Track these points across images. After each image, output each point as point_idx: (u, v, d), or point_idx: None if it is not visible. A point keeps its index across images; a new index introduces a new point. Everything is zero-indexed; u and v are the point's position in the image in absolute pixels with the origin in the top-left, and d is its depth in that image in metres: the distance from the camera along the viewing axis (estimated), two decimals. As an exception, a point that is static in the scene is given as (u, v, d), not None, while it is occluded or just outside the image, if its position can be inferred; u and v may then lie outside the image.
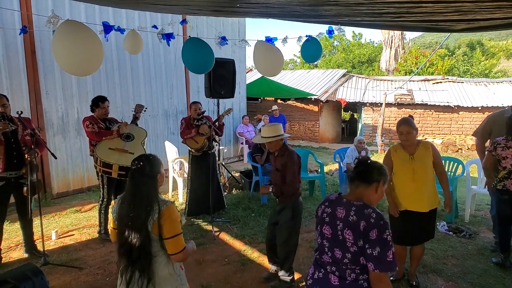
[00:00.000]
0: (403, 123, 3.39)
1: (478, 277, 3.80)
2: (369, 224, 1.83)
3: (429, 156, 3.38)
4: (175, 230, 2.03)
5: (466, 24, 4.07)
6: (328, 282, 1.97)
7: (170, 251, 2.03)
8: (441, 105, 13.47)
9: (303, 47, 4.97)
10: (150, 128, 8.20)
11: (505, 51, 37.22)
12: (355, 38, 33.08)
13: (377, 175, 1.98)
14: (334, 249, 1.94)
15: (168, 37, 4.81)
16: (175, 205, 2.12)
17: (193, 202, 5.56)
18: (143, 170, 2.05)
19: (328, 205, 2.05)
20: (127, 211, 2.03)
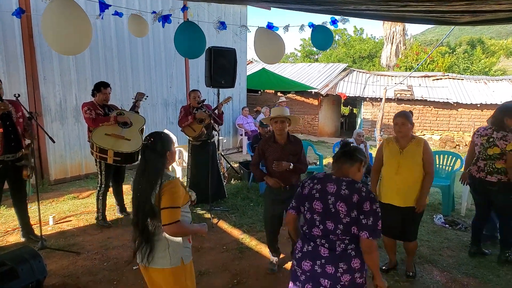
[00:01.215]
0: (400, 115, 3.42)
1: (472, 268, 3.84)
2: (361, 197, 2.04)
3: (419, 153, 3.34)
4: (171, 202, 2.08)
5: (470, 17, 4.05)
6: (318, 254, 2.12)
7: (164, 221, 2.08)
8: (440, 101, 13.48)
9: (313, 34, 4.85)
10: (149, 117, 8.16)
11: (505, 49, 37.20)
12: (357, 33, 32.97)
13: (359, 155, 2.21)
14: (326, 222, 2.10)
15: (165, 19, 4.73)
16: (179, 180, 2.20)
17: (193, 190, 5.54)
18: (153, 146, 2.13)
19: (317, 182, 2.21)
20: (137, 183, 2.16)
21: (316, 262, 2.11)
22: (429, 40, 46.57)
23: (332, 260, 2.08)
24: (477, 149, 3.90)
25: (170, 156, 2.22)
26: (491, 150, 3.74)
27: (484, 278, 3.64)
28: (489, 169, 3.78)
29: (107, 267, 3.75)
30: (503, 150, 3.64)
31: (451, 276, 3.68)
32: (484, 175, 3.82)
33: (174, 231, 2.10)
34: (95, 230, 4.67)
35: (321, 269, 2.09)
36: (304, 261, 2.16)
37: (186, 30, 4.71)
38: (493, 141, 3.73)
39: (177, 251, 2.20)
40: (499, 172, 3.72)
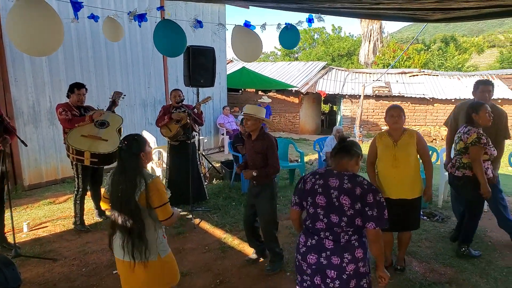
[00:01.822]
0: (395, 107, 3.46)
1: (449, 258, 3.93)
2: (364, 189, 2.12)
3: (413, 144, 3.39)
4: (162, 199, 2.28)
5: (441, 14, 4.15)
6: (322, 247, 2.18)
7: (161, 218, 2.29)
8: (417, 97, 13.77)
9: (281, 34, 4.95)
10: (127, 118, 8.03)
11: (476, 46, 38.35)
12: (335, 32, 33.36)
13: (357, 149, 2.29)
14: (330, 215, 2.16)
15: (141, 18, 4.66)
16: (159, 178, 2.37)
17: (171, 192, 5.47)
18: (127, 148, 2.28)
19: (319, 177, 2.26)
20: (117, 183, 2.26)
21: (322, 254, 2.18)
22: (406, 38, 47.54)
23: (337, 251, 2.15)
24: (454, 146, 4.02)
25: (145, 156, 2.34)
26: (459, 145, 3.84)
27: (460, 267, 3.73)
28: (457, 164, 3.87)
29: (85, 272, 3.67)
30: (466, 144, 3.72)
31: (429, 266, 3.76)
32: (454, 171, 3.92)
33: (171, 223, 2.36)
34: (73, 235, 4.55)
35: (327, 261, 2.16)
36: (309, 255, 2.22)
37: (166, 28, 4.65)
38: (460, 136, 3.83)
39: (154, 247, 2.32)
40: (465, 167, 3.79)
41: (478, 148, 3.62)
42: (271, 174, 3.58)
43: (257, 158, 3.60)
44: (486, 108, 3.71)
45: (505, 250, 4.08)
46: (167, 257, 2.43)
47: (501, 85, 14.09)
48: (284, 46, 5.26)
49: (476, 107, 3.75)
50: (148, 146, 2.40)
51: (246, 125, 3.63)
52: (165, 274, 2.43)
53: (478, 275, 3.57)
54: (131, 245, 2.23)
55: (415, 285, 3.38)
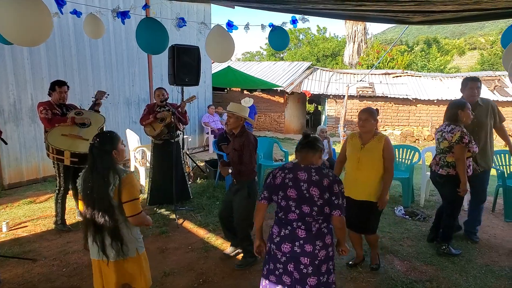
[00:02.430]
0: (364, 111, 3.47)
1: (430, 256, 4.01)
2: (330, 180, 2.30)
3: (379, 149, 3.38)
4: (133, 194, 2.25)
5: (422, 17, 4.24)
6: (296, 236, 2.34)
7: (128, 213, 2.24)
8: (400, 97, 13.98)
9: (270, 36, 4.97)
10: (111, 117, 7.94)
11: (458, 48, 39.18)
12: (320, 32, 33.57)
13: (320, 144, 2.46)
14: (302, 206, 2.32)
15: (124, 15, 4.60)
16: (133, 173, 2.36)
17: (155, 191, 5.45)
18: (99, 145, 2.26)
19: (288, 172, 2.41)
20: (88, 181, 2.25)
21: (295, 243, 2.34)
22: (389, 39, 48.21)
23: (310, 239, 2.32)
24: (436, 144, 4.10)
25: (117, 154, 2.33)
26: (442, 144, 3.90)
27: (440, 265, 3.81)
28: (441, 162, 3.96)
29: (66, 273, 3.61)
30: (450, 143, 3.78)
31: (410, 264, 3.83)
32: (437, 169, 4.00)
33: (139, 221, 2.30)
34: (54, 235, 4.48)
35: (300, 249, 2.32)
36: (284, 244, 2.37)
37: (148, 26, 4.62)
38: (443, 135, 3.89)
39: (133, 242, 2.34)
40: (448, 166, 3.87)
41: (462, 147, 3.70)
42: (244, 171, 3.63)
43: (234, 155, 3.69)
44: (469, 106, 3.87)
45: (484, 248, 4.18)
46: (143, 254, 2.45)
47: (482, 86, 14.41)
48: (274, 47, 5.29)
49: (461, 104, 3.86)
50: (121, 144, 2.38)
51: (228, 122, 3.74)
52: (145, 270, 2.43)
53: (458, 273, 3.65)
54: (103, 243, 2.24)
55: (397, 284, 3.44)
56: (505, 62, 3.55)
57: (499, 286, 3.44)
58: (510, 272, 3.67)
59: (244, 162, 3.61)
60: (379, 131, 3.65)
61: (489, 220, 5.10)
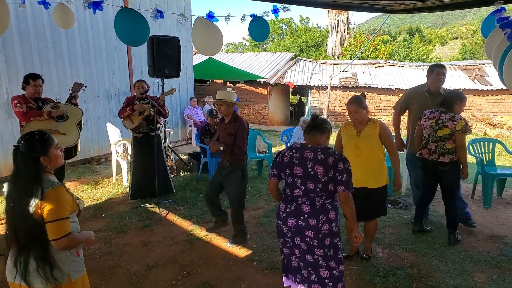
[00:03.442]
0: (352, 102, 3.40)
1: (411, 243, 4.07)
2: (335, 158, 2.43)
3: (376, 134, 3.40)
4: (57, 214, 1.85)
5: (404, 5, 4.25)
6: (300, 211, 2.48)
7: (51, 236, 1.84)
8: (383, 87, 14.13)
9: (250, 26, 4.92)
10: (90, 110, 7.78)
11: (440, 38, 39.73)
12: (303, 23, 33.55)
13: (327, 126, 2.59)
14: (307, 183, 2.46)
15: (96, 6, 4.44)
16: (64, 187, 1.97)
17: (136, 185, 5.38)
18: (25, 150, 1.89)
19: (296, 151, 2.54)
20: (10, 192, 1.90)
21: (300, 218, 2.46)
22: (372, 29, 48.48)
23: (314, 214, 2.44)
24: (426, 132, 4.01)
25: (47, 161, 1.95)
26: (441, 131, 3.86)
27: (421, 251, 3.88)
28: (440, 150, 3.91)
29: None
30: (452, 130, 3.79)
31: (392, 252, 3.89)
32: (436, 157, 3.94)
33: (64, 245, 1.89)
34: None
35: (304, 223, 2.45)
36: (289, 219, 2.50)
37: (127, 17, 4.51)
38: (442, 123, 3.86)
39: (63, 267, 1.94)
40: (450, 153, 3.87)
41: (464, 135, 3.79)
42: (236, 153, 3.91)
43: (229, 139, 3.94)
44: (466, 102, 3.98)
45: (463, 234, 4.26)
46: (80, 279, 2.04)
47: (463, 75, 14.68)
48: (254, 38, 5.24)
49: (462, 97, 3.93)
50: (56, 148, 2.00)
51: (220, 110, 3.98)
52: None
53: (438, 259, 3.72)
54: (26, 268, 1.85)
55: (379, 271, 3.48)
56: (488, 50, 3.59)
57: (477, 270, 3.52)
58: (488, 257, 3.76)
59: (238, 145, 3.88)
60: (373, 117, 3.58)
61: (469, 206, 5.20)
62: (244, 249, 3.94)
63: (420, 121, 4.09)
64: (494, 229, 4.45)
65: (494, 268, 3.54)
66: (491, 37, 3.48)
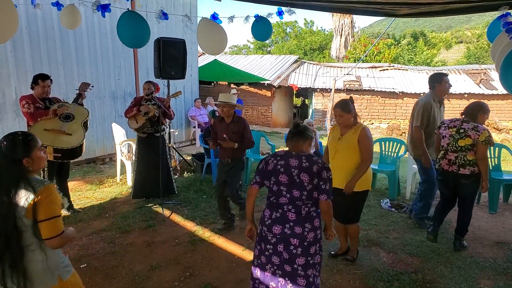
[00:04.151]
0: (337, 106, 3.44)
1: (415, 248, 4.05)
2: (319, 167, 2.43)
3: (354, 140, 3.39)
4: (52, 211, 1.83)
5: (408, 9, 4.25)
6: (286, 219, 2.47)
7: (45, 235, 1.81)
8: (387, 91, 14.10)
9: (253, 26, 4.95)
10: (96, 110, 7.82)
11: (445, 42, 39.62)
12: (307, 26, 33.58)
13: (309, 133, 2.60)
14: (292, 191, 2.45)
15: (104, 8, 4.48)
16: (54, 185, 1.91)
17: (139, 184, 5.39)
18: (8, 150, 1.83)
19: (280, 158, 2.53)
20: None
21: (286, 225, 2.45)
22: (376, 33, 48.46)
23: (299, 222, 2.45)
24: (445, 141, 3.86)
25: (30, 163, 1.88)
26: (462, 141, 3.71)
27: (426, 256, 3.85)
28: (460, 161, 3.75)
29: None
30: (475, 141, 3.64)
31: (396, 256, 3.87)
32: (456, 168, 3.78)
33: (59, 243, 1.85)
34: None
35: (290, 231, 2.44)
36: (275, 226, 2.49)
37: (128, 19, 4.55)
38: (464, 132, 3.70)
39: (54, 268, 1.93)
40: (471, 164, 3.71)
41: (487, 147, 3.65)
42: (248, 147, 4.40)
43: (235, 137, 4.26)
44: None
45: (469, 240, 4.22)
46: (72, 277, 2.05)
47: (468, 80, 14.63)
48: (256, 38, 5.25)
49: (486, 109, 3.80)
50: (40, 150, 1.94)
51: (222, 112, 4.25)
52: None
53: (443, 265, 3.70)
54: (3, 273, 1.81)
55: (383, 275, 3.46)
56: (493, 55, 3.57)
57: (483, 276, 3.50)
58: (494, 263, 3.73)
59: (247, 138, 4.29)
60: (360, 122, 3.54)
61: (474, 212, 5.12)
62: (246, 251, 3.94)
63: (438, 130, 3.97)
64: (500, 235, 4.43)
65: (500, 275, 3.52)
66: (497, 41, 3.47)
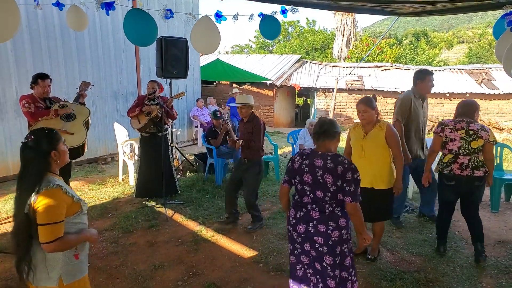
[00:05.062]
0: (361, 102, 3.46)
1: (418, 247, 4.04)
2: (344, 168, 2.36)
3: (382, 136, 3.42)
4: (50, 217, 1.78)
5: (412, 8, 4.24)
6: (310, 217, 2.46)
7: (42, 239, 1.78)
8: (389, 90, 14.08)
9: (261, 24, 4.89)
10: (98, 110, 7.84)
11: (446, 42, 39.53)
12: (309, 25, 33.55)
13: (337, 129, 2.52)
14: (316, 191, 2.43)
15: (108, 6, 4.48)
16: (61, 189, 1.86)
17: (141, 183, 5.39)
18: (35, 144, 1.85)
19: (306, 158, 2.51)
20: (16, 191, 1.86)
21: (309, 224, 2.44)
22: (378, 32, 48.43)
23: (323, 220, 2.41)
24: (455, 144, 3.59)
25: (57, 156, 1.92)
26: (475, 143, 3.52)
27: (428, 255, 3.85)
28: (473, 164, 3.56)
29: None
30: (486, 142, 3.50)
31: (399, 255, 3.87)
32: (470, 172, 3.56)
33: (54, 249, 1.81)
34: (41, 230, 4.40)
35: (314, 229, 2.42)
36: (299, 225, 2.49)
37: (136, 17, 4.53)
38: (476, 133, 3.52)
39: (55, 268, 1.88)
40: (483, 165, 3.57)
41: (493, 146, 3.56)
42: (253, 148, 4.40)
43: (248, 136, 4.39)
44: None
45: (469, 240, 4.21)
46: (75, 284, 1.95)
47: (469, 79, 14.60)
48: (265, 36, 5.21)
49: (478, 106, 3.70)
50: (63, 143, 1.98)
51: (241, 113, 4.47)
52: None
53: (445, 264, 3.69)
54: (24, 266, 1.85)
55: (386, 274, 3.46)
56: (498, 53, 3.54)
57: (485, 275, 3.49)
58: (496, 262, 3.72)
59: (255, 139, 4.34)
60: (382, 119, 3.57)
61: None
62: (250, 250, 3.94)
63: (442, 132, 3.68)
64: (502, 234, 4.41)
65: (503, 274, 3.51)
66: (501, 40, 3.46)
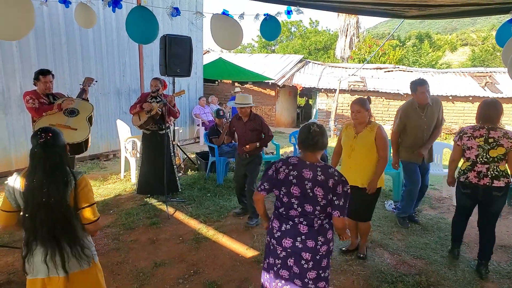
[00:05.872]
0: (356, 102, 3.55)
1: (419, 250, 4.05)
2: (335, 181, 2.22)
3: (371, 138, 3.49)
4: (92, 198, 2.06)
5: (418, 11, 4.24)
6: (297, 231, 2.30)
7: (86, 220, 2.02)
8: (391, 92, 14.05)
9: (262, 25, 4.93)
10: (101, 107, 7.84)
11: (450, 44, 39.49)
12: (312, 25, 33.52)
13: (325, 139, 2.35)
14: (305, 205, 2.27)
15: (115, 4, 4.50)
16: (86, 175, 2.13)
17: (143, 181, 5.40)
18: (54, 141, 1.97)
19: (293, 168, 2.31)
20: (42, 187, 1.91)
21: (297, 238, 2.29)
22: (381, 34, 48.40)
23: (312, 235, 2.28)
24: (473, 152, 3.45)
25: (68, 149, 2.12)
26: (494, 151, 3.33)
27: (430, 259, 3.86)
28: (493, 173, 3.38)
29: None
30: (508, 149, 3.29)
31: (400, 258, 3.87)
32: (489, 181, 3.39)
33: (97, 228, 2.10)
34: (43, 225, 4.42)
35: (302, 244, 2.28)
36: (285, 239, 2.31)
37: (138, 15, 4.54)
38: (495, 141, 3.32)
39: (90, 249, 2.13)
40: (504, 175, 3.37)
41: None
42: (269, 141, 4.76)
43: (252, 135, 4.61)
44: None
45: (473, 243, 4.21)
46: (98, 264, 2.22)
47: (473, 82, 14.56)
48: (265, 37, 5.23)
49: (501, 105, 3.42)
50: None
51: (241, 112, 4.58)
52: (101, 282, 2.20)
53: (447, 267, 3.70)
54: (63, 256, 1.95)
55: (387, 277, 3.47)
56: (505, 58, 3.50)
57: (486, 280, 3.49)
58: (498, 267, 3.73)
59: (267, 133, 4.66)
60: (374, 121, 3.64)
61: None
62: (251, 250, 3.95)
63: (460, 141, 3.54)
64: (504, 239, 4.41)
65: (504, 279, 3.52)
66: (508, 45, 3.45)
